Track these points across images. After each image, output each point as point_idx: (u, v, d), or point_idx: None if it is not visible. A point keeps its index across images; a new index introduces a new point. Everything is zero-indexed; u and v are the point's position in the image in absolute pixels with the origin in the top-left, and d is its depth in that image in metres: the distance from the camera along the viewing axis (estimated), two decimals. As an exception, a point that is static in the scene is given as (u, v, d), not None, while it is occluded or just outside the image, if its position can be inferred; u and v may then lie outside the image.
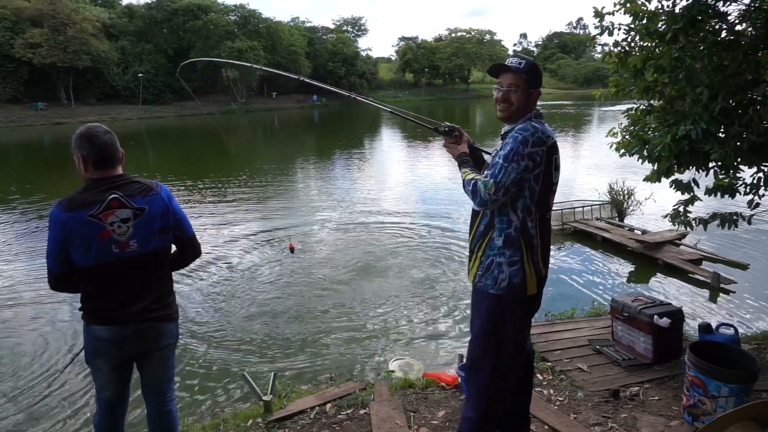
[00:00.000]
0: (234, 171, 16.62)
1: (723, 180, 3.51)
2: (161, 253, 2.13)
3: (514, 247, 2.00)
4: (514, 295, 2.03)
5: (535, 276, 2.04)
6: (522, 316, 2.12)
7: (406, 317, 5.64)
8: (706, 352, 2.78)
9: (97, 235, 1.96)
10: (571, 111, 42.12)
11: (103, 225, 1.96)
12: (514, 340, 2.12)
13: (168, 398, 2.31)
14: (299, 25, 67.54)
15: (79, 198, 1.98)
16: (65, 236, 1.94)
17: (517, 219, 1.99)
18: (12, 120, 40.49)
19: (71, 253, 1.97)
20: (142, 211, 2.02)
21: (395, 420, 2.92)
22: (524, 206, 1.98)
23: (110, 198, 1.98)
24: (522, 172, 1.92)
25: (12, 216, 10.88)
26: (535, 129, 1.95)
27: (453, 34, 77.28)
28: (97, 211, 1.95)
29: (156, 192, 2.08)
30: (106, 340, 2.07)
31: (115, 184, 2.02)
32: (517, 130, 1.97)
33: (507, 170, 1.91)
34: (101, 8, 54.20)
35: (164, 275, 2.18)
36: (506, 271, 2.01)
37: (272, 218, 10.39)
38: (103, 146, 2.02)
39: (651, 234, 7.92)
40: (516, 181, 1.93)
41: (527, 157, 1.91)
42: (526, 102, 2.05)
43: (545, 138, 1.96)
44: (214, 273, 7.11)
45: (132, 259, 2.03)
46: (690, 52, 3.14)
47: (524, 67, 2.03)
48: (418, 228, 9.35)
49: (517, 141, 1.93)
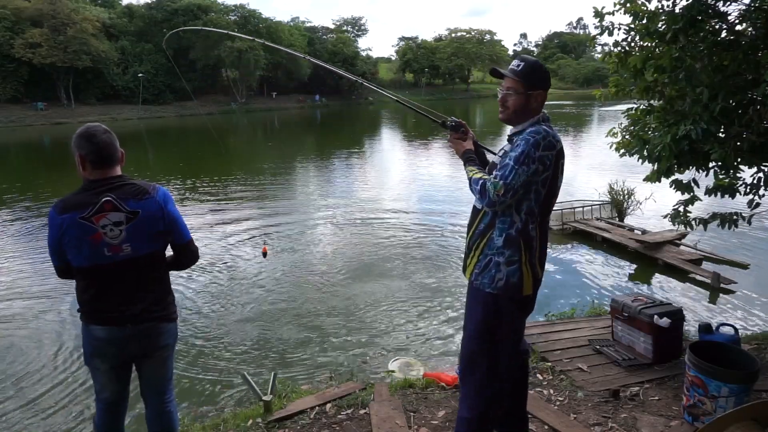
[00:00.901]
0: (234, 171, 16.64)
1: (723, 180, 3.51)
2: (157, 256, 2.11)
3: (513, 248, 1.99)
4: (511, 294, 2.02)
5: (532, 277, 2.03)
6: (518, 317, 2.11)
7: (406, 317, 5.64)
8: (706, 352, 2.78)
9: (88, 238, 1.95)
10: (571, 111, 42.13)
11: (94, 228, 1.95)
12: (510, 340, 2.11)
13: (167, 399, 2.30)
14: (299, 25, 67.48)
15: (73, 200, 1.98)
16: (59, 236, 1.97)
17: (520, 221, 1.98)
18: (12, 120, 40.45)
19: (66, 252, 2.00)
20: (136, 215, 2.00)
21: (395, 420, 2.92)
22: (528, 208, 1.97)
23: (103, 201, 1.96)
24: (531, 176, 1.91)
25: (13, 215, 10.89)
26: (546, 133, 1.94)
27: (453, 34, 77.19)
28: (89, 214, 1.95)
29: (151, 195, 2.05)
30: (104, 341, 2.06)
31: (111, 186, 2.00)
32: (529, 133, 1.95)
33: (517, 172, 1.89)
34: (101, 8, 54.14)
35: (161, 277, 2.17)
36: (504, 270, 2.00)
37: (272, 218, 10.38)
38: (102, 146, 2.01)
39: (651, 234, 7.92)
40: (525, 184, 1.91)
41: (537, 161, 1.90)
42: (525, 105, 2.03)
43: (555, 142, 1.95)
44: (213, 273, 7.11)
45: (126, 262, 2.01)
46: (690, 52, 3.14)
47: (521, 69, 2.02)
48: (418, 227, 9.36)
49: (528, 144, 1.91)
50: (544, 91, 2.06)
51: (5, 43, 41.62)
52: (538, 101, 2.05)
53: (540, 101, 2.06)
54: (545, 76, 2.08)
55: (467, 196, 2.17)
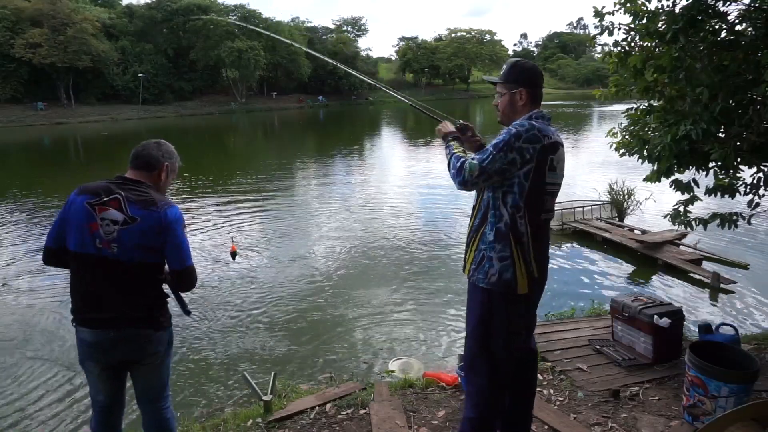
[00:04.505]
0: (235, 171, 16.63)
1: (723, 180, 3.51)
2: (144, 266, 2.04)
3: (503, 242, 2.00)
4: (504, 290, 2.02)
5: (527, 275, 2.02)
6: (512, 314, 2.07)
7: (407, 316, 5.64)
8: (706, 352, 2.78)
9: (87, 224, 1.99)
10: (570, 111, 42.14)
11: (95, 216, 1.98)
12: (503, 338, 2.09)
13: (162, 406, 2.27)
14: (299, 25, 67.49)
15: (92, 185, 2.05)
16: (67, 215, 2.03)
17: (507, 214, 2.00)
18: (12, 120, 40.46)
19: (66, 233, 2.04)
20: (133, 221, 1.99)
21: (395, 420, 2.92)
22: (513, 202, 1.99)
23: (112, 196, 2.00)
24: (508, 164, 1.95)
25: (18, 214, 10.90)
26: (531, 126, 1.98)
27: (453, 34, 77.17)
28: (95, 202, 1.99)
29: (157, 209, 2.01)
30: (88, 343, 2.06)
31: (127, 186, 2.05)
32: (514, 124, 2.02)
33: (494, 158, 1.96)
34: (101, 8, 54.19)
35: (148, 286, 2.09)
36: (496, 266, 2.01)
37: (272, 218, 10.39)
38: (141, 152, 2.15)
39: (651, 234, 7.91)
40: (499, 171, 1.96)
41: (516, 151, 1.94)
42: (510, 104, 2.13)
43: (541, 137, 1.97)
44: (214, 272, 7.11)
45: (111, 261, 1.99)
46: (690, 52, 3.14)
47: (502, 71, 2.16)
48: (419, 226, 9.35)
49: (510, 133, 1.97)
50: (525, 88, 2.10)
51: (5, 43, 41.65)
52: (523, 98, 2.10)
53: (525, 98, 2.10)
54: (524, 73, 2.13)
55: (469, 194, 2.18)
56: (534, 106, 2.11)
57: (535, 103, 2.12)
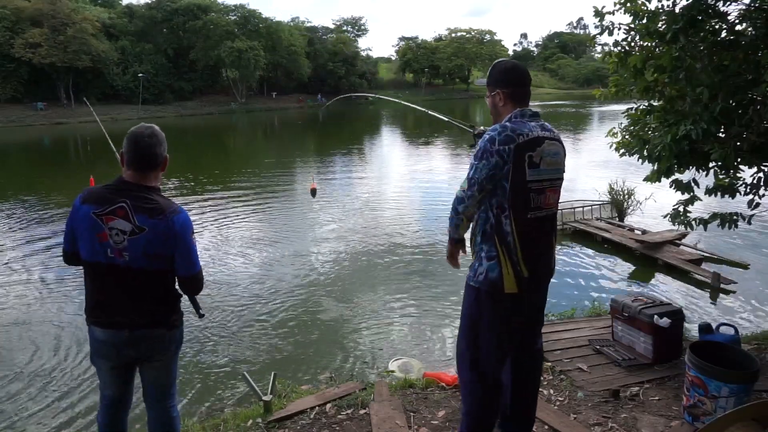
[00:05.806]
0: (234, 171, 16.62)
1: (723, 180, 3.52)
2: (156, 273, 2.05)
3: (490, 243, 2.05)
4: (490, 289, 2.05)
5: (514, 275, 2.01)
6: (500, 314, 2.07)
7: (407, 317, 5.64)
8: (706, 352, 2.78)
9: (96, 234, 1.99)
10: (570, 111, 42.13)
11: (102, 227, 1.97)
12: (490, 337, 2.11)
13: (169, 404, 2.29)
14: (299, 24, 67.40)
15: (96, 193, 2.03)
16: (75, 224, 2.04)
17: (492, 216, 2.05)
18: (12, 120, 40.40)
19: (77, 240, 2.05)
20: (141, 231, 1.97)
21: (395, 420, 2.92)
22: (498, 203, 2.03)
23: (118, 205, 1.97)
24: (494, 169, 1.99)
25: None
26: (503, 128, 2.01)
27: (453, 34, 77.12)
28: (102, 212, 1.97)
29: (165, 217, 1.99)
30: (102, 342, 2.09)
31: (134, 193, 2.00)
32: (488, 131, 2.08)
33: (477, 167, 2.02)
34: (101, 8, 54.13)
35: (161, 290, 2.10)
36: (484, 264, 2.06)
37: (272, 218, 10.39)
38: (142, 151, 2.04)
39: (651, 234, 7.92)
40: (489, 177, 2.00)
41: (496, 154, 1.99)
42: (492, 105, 2.18)
43: (515, 136, 1.99)
44: (214, 272, 7.11)
45: (124, 269, 2.00)
46: (690, 52, 3.14)
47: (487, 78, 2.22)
48: (419, 226, 9.36)
49: (485, 140, 2.03)
50: (500, 89, 2.13)
51: (5, 43, 41.59)
52: (501, 99, 2.13)
53: (503, 99, 2.13)
54: (499, 75, 2.17)
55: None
56: (517, 105, 2.10)
57: (518, 102, 2.11)
